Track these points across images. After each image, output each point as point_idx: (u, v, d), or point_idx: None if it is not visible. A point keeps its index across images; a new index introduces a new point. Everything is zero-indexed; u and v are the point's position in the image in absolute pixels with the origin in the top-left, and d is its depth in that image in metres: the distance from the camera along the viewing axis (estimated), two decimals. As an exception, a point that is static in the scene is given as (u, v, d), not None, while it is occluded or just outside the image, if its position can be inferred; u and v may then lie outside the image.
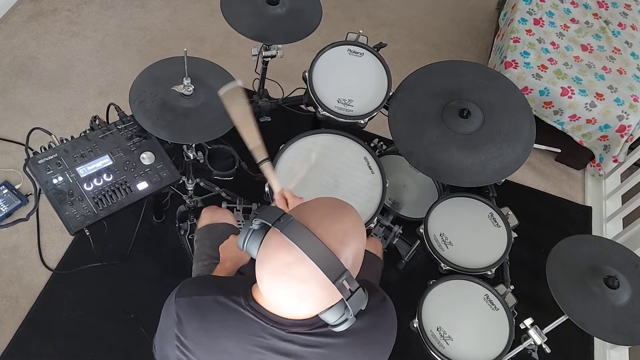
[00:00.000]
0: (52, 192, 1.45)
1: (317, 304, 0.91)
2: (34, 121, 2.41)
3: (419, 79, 1.79)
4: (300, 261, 0.86)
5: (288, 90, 2.23)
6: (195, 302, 1.03)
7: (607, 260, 1.51)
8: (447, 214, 1.74)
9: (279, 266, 0.88)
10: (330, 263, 0.86)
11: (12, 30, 2.72)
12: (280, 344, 0.98)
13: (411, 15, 3.17)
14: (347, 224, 0.92)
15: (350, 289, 0.87)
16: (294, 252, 0.87)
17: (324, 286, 0.87)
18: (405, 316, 1.56)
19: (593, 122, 2.35)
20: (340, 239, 0.89)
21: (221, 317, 1.00)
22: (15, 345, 1.90)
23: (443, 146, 1.65)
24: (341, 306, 0.92)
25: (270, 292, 0.92)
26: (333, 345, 0.99)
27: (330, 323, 0.94)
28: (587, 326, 1.40)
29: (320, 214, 0.93)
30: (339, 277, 0.86)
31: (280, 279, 0.89)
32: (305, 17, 1.84)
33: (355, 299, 0.88)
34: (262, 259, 0.92)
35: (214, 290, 1.03)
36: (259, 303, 0.99)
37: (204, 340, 1.01)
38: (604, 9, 2.68)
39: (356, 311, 0.91)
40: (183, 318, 1.02)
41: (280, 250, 0.89)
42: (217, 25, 2.87)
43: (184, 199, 1.96)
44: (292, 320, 0.98)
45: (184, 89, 1.57)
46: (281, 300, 0.92)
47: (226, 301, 1.00)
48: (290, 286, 0.88)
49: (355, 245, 0.91)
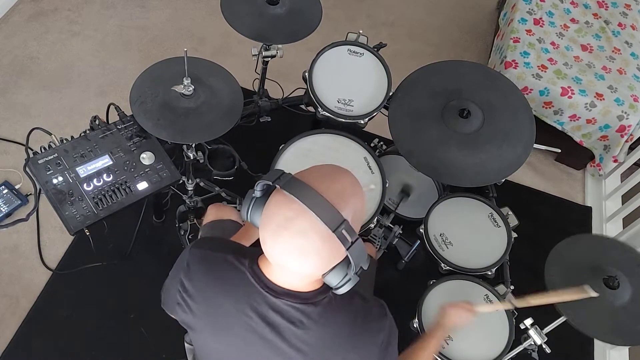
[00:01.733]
0: (52, 192, 1.45)
1: (318, 260, 0.92)
2: (34, 121, 2.41)
3: (419, 79, 1.79)
4: (301, 214, 0.88)
5: (288, 90, 2.23)
6: (206, 255, 1.08)
7: (607, 260, 1.51)
8: (447, 214, 1.74)
9: (280, 222, 0.90)
10: (330, 214, 0.88)
11: (13, 30, 2.72)
12: (269, 312, 1.00)
13: (411, 15, 3.17)
14: (345, 184, 0.95)
15: (350, 240, 0.89)
16: (295, 206, 0.89)
17: (324, 239, 0.89)
18: (405, 316, 1.56)
19: (593, 122, 2.35)
20: (339, 195, 0.91)
21: (225, 274, 1.04)
22: (15, 345, 1.90)
23: (443, 146, 1.65)
24: (343, 267, 0.94)
25: (273, 250, 0.93)
26: (312, 331, 1.00)
27: (333, 286, 0.96)
28: (587, 327, 1.40)
29: (319, 174, 0.96)
30: (338, 226, 0.88)
31: (282, 234, 0.90)
32: (305, 17, 1.84)
33: (355, 250, 0.90)
34: (264, 220, 0.94)
35: (226, 250, 1.07)
36: (261, 269, 1.02)
37: (204, 291, 1.05)
38: (603, 9, 2.68)
39: (357, 267, 0.93)
40: (192, 267, 1.07)
41: (281, 206, 0.91)
42: (217, 25, 2.87)
43: (184, 199, 1.96)
44: (286, 290, 0.99)
45: (184, 89, 1.57)
46: (283, 258, 0.93)
47: (233, 261, 1.04)
48: (291, 241, 0.90)
49: (353, 204, 0.94)
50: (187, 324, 1.09)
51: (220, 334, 1.05)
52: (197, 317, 1.06)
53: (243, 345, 1.04)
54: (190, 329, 1.10)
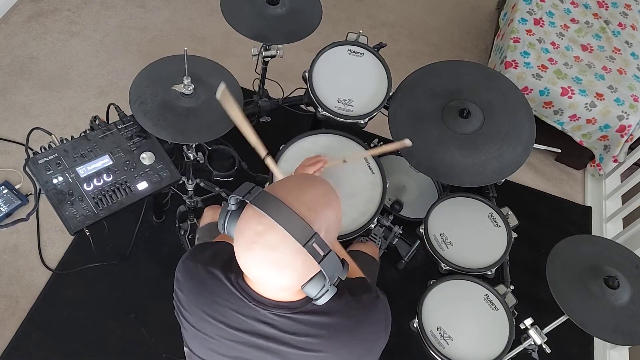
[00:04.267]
0: (52, 192, 1.45)
1: (294, 272, 0.91)
2: (34, 121, 2.41)
3: (419, 79, 1.79)
4: (270, 228, 0.88)
5: (288, 90, 2.23)
6: (194, 270, 1.07)
7: (607, 260, 1.51)
8: (447, 214, 1.74)
9: (250, 236, 0.90)
10: (299, 227, 0.87)
11: (12, 30, 2.72)
12: (260, 326, 1.00)
13: (411, 15, 3.17)
14: (316, 193, 0.95)
15: (322, 253, 0.88)
16: (264, 220, 0.88)
17: (296, 252, 0.88)
18: (405, 316, 1.56)
19: (593, 122, 2.35)
20: (309, 206, 0.91)
21: (212, 288, 1.04)
22: (15, 345, 1.90)
23: (443, 146, 1.65)
24: (321, 278, 0.94)
25: (247, 265, 0.93)
26: (315, 335, 1.00)
27: (312, 297, 0.96)
28: (587, 326, 1.40)
29: (289, 185, 0.96)
30: (308, 240, 0.87)
31: (253, 248, 0.90)
32: (305, 17, 1.84)
33: (328, 263, 0.89)
34: (237, 234, 0.94)
35: (214, 264, 1.06)
36: (247, 282, 1.02)
37: (194, 303, 1.05)
38: (604, 9, 2.68)
39: (333, 278, 0.93)
40: (181, 280, 1.08)
41: (251, 221, 0.91)
42: (217, 25, 2.87)
43: (184, 199, 1.96)
44: (275, 302, 1.00)
45: (185, 88, 1.57)
46: (258, 272, 0.93)
47: (220, 275, 1.04)
48: (263, 255, 0.90)
49: (325, 215, 0.93)
50: (182, 333, 1.11)
51: (212, 347, 1.05)
52: (188, 329, 1.07)
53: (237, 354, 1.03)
54: (185, 339, 1.11)
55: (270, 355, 1.01)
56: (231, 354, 1.03)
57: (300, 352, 1.00)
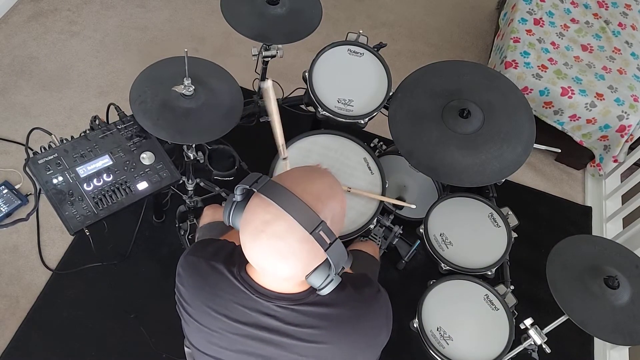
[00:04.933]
0: (52, 192, 1.45)
1: (298, 262, 0.92)
2: (34, 121, 2.41)
3: (419, 79, 1.79)
4: (278, 217, 0.89)
5: (288, 90, 2.23)
6: (196, 264, 1.08)
7: (607, 260, 1.51)
8: (447, 214, 1.74)
9: (258, 225, 0.91)
10: (307, 216, 0.88)
11: (12, 30, 2.72)
12: (263, 318, 1.00)
13: (411, 15, 3.17)
14: (323, 185, 0.96)
15: (328, 241, 0.89)
16: (272, 209, 0.89)
17: (302, 241, 0.89)
18: (405, 316, 1.56)
19: (593, 122, 2.35)
20: (316, 196, 0.92)
21: (215, 282, 1.04)
22: (15, 345, 1.90)
23: (443, 146, 1.65)
24: (325, 268, 0.95)
25: (253, 254, 0.94)
26: (317, 327, 1.00)
27: (316, 287, 0.97)
28: (587, 326, 1.40)
29: (296, 175, 0.97)
30: (315, 227, 0.88)
31: (260, 237, 0.91)
32: (305, 17, 1.84)
33: (334, 250, 0.90)
34: (244, 224, 0.95)
35: (216, 258, 1.07)
36: (249, 275, 1.02)
37: (196, 298, 1.05)
38: (604, 8, 2.68)
39: (338, 267, 0.93)
40: (182, 274, 1.08)
41: (258, 210, 0.92)
42: (217, 25, 2.87)
43: (184, 199, 1.96)
44: (278, 293, 1.00)
45: (185, 89, 1.57)
46: (264, 261, 0.93)
47: (222, 268, 1.04)
48: (270, 244, 0.90)
49: (331, 205, 0.94)
50: (184, 327, 1.11)
51: (214, 341, 1.05)
52: (190, 323, 1.07)
53: (240, 347, 1.04)
54: (186, 334, 1.11)
55: (273, 347, 1.02)
56: (234, 347, 1.04)
57: (303, 343, 1.00)
